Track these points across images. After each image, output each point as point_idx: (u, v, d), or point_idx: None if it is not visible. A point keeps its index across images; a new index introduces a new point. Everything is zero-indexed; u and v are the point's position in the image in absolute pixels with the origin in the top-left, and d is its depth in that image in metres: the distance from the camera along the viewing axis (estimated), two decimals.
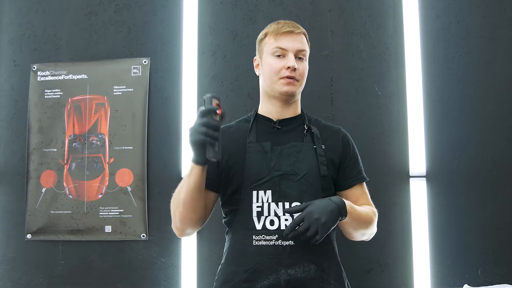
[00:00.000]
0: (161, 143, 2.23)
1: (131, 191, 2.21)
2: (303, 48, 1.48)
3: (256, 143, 1.47)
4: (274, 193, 1.42)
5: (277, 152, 1.45)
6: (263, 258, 1.38)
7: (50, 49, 2.33)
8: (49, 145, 2.28)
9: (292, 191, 1.42)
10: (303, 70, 1.48)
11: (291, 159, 1.44)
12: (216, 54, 2.24)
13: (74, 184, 2.25)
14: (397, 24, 2.16)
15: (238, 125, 1.57)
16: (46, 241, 2.24)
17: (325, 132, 1.53)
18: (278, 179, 1.42)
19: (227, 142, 1.49)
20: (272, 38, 1.49)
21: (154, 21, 2.28)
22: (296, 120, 1.54)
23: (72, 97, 2.29)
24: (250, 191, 1.43)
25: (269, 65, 1.48)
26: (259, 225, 1.41)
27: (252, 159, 1.45)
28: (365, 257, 2.08)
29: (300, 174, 1.43)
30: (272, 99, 1.53)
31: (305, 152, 1.46)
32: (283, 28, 1.47)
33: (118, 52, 2.29)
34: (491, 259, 2.03)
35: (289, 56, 1.45)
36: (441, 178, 2.08)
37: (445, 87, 2.11)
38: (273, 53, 1.47)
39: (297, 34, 1.48)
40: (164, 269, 2.17)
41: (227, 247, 1.49)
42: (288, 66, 1.44)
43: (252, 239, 1.40)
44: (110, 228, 2.21)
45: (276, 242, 1.38)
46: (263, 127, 1.53)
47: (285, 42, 1.46)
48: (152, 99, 2.25)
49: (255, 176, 1.43)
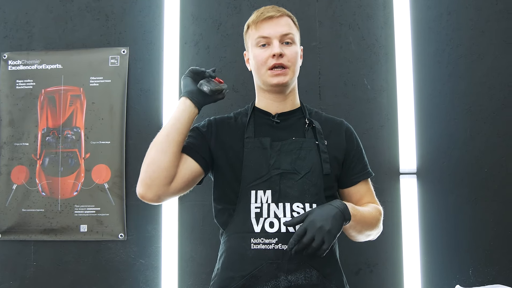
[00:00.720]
0: (140, 138, 2.11)
1: (109, 188, 2.10)
2: (288, 32, 1.38)
3: (255, 138, 1.37)
4: (274, 193, 1.32)
5: (277, 148, 1.36)
6: (262, 263, 1.28)
7: (22, 37, 2.20)
8: (20, 139, 2.15)
9: (293, 191, 1.32)
10: (291, 54, 1.37)
11: (292, 156, 1.35)
12: (199, 44, 2.13)
13: (48, 180, 2.12)
14: (387, 14, 2.08)
15: (236, 117, 1.47)
16: (17, 241, 2.11)
17: (327, 126, 1.43)
18: (278, 178, 1.33)
19: (227, 133, 1.40)
20: (253, 29, 1.40)
21: (133, 8, 2.17)
22: (296, 113, 1.45)
23: (45, 88, 2.16)
24: (248, 191, 1.33)
25: (255, 57, 1.39)
26: (257, 228, 1.31)
27: (250, 156, 1.35)
28: (353, 257, 2.00)
29: (302, 172, 1.33)
30: (266, 92, 1.44)
31: (307, 148, 1.36)
32: (262, 15, 1.38)
33: (95, 41, 2.17)
34: (482, 259, 1.97)
35: (274, 43, 1.36)
36: (432, 175, 2.01)
37: (436, 81, 2.05)
38: (257, 43, 1.38)
39: (279, 18, 1.38)
40: (143, 271, 2.06)
41: (223, 251, 1.38)
42: (273, 53, 1.34)
43: (250, 243, 1.30)
44: (86, 227, 2.09)
45: (276, 246, 1.29)
46: (261, 121, 1.43)
47: (266, 30, 1.37)
48: (131, 91, 2.14)
49: (254, 175, 1.33)
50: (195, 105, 1.35)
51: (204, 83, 1.35)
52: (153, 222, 2.08)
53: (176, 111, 1.34)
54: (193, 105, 1.34)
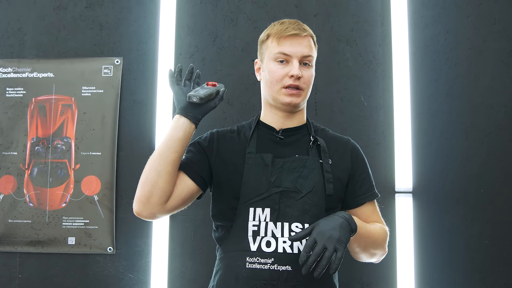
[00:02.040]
0: (132, 150, 2.08)
1: (98, 201, 2.06)
2: (309, 54, 1.34)
3: (256, 154, 1.34)
4: (273, 211, 1.28)
5: (279, 165, 1.32)
6: (256, 284, 1.24)
7: (13, 44, 2.17)
8: (8, 148, 2.10)
9: (292, 211, 1.28)
10: (308, 78, 1.34)
11: (294, 175, 1.31)
12: (194, 56, 2.10)
13: (36, 191, 2.07)
14: (385, 32, 2.07)
15: (239, 131, 1.43)
16: (2, 252, 2.07)
17: (332, 145, 1.40)
18: (278, 197, 1.29)
19: (225, 148, 1.37)
20: (275, 41, 1.35)
21: (128, 18, 2.14)
22: (301, 130, 1.41)
23: (36, 96, 2.12)
24: (247, 208, 1.29)
25: (271, 72, 1.34)
26: (254, 246, 1.27)
27: (250, 172, 1.31)
28: (347, 276, 1.97)
29: (303, 191, 1.29)
30: (274, 108, 1.40)
31: (310, 167, 1.32)
32: (287, 31, 1.33)
33: (88, 50, 2.14)
34: (477, 281, 1.95)
35: (293, 63, 1.32)
36: (428, 195, 1.99)
37: (433, 99, 2.03)
38: (276, 58, 1.34)
39: (303, 38, 1.34)
40: (131, 286, 2.02)
41: (219, 268, 1.34)
42: (292, 74, 1.31)
43: (245, 261, 1.26)
44: (74, 239, 2.05)
45: (271, 266, 1.24)
46: (265, 137, 1.39)
47: (289, 47, 1.32)
48: (124, 102, 2.10)
49: (253, 192, 1.29)
50: (190, 121, 1.31)
51: (193, 94, 1.29)
52: (143, 236, 2.04)
53: (170, 129, 1.31)
54: (188, 121, 1.30)
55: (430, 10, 2.07)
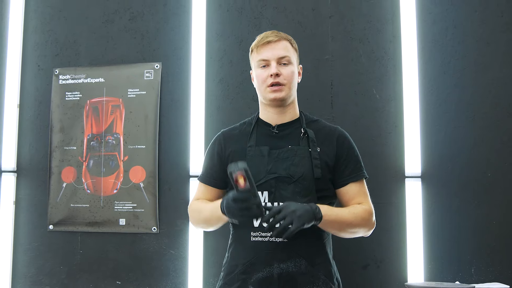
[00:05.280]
0: (171, 143, 2.38)
1: (144, 187, 2.37)
2: (285, 54, 1.59)
3: (255, 147, 1.60)
4: (270, 194, 1.54)
5: (274, 156, 1.57)
6: (259, 253, 1.52)
7: (70, 55, 2.51)
8: (69, 144, 2.46)
9: (286, 193, 1.53)
10: (287, 74, 1.58)
11: (287, 163, 1.55)
12: (223, 59, 2.37)
13: (92, 180, 2.42)
14: (395, 29, 2.23)
15: (241, 128, 1.70)
16: (66, 232, 2.43)
17: (321, 134, 1.62)
18: (274, 182, 1.54)
19: (232, 144, 1.65)
20: (255, 52, 1.62)
21: (165, 28, 2.43)
22: (294, 124, 1.65)
23: (90, 99, 2.47)
24: None
25: (257, 76, 1.62)
26: (256, 223, 1.54)
27: (251, 163, 1.55)
28: (362, 254, 2.17)
29: (295, 177, 1.54)
30: (267, 106, 1.66)
31: (301, 155, 1.56)
32: (262, 40, 1.60)
33: (132, 57, 2.45)
34: (484, 259, 2.09)
35: (272, 65, 1.57)
36: (436, 179, 2.15)
37: (441, 90, 2.18)
38: (259, 65, 1.61)
39: (277, 42, 1.59)
40: (173, 260, 2.32)
41: (231, 242, 1.64)
42: (271, 73, 1.56)
43: (250, 236, 1.54)
44: (124, 221, 2.38)
45: (270, 239, 1.52)
46: (263, 132, 1.65)
47: (265, 53, 1.59)
48: (163, 101, 2.40)
49: (254, 179, 1.52)
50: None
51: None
52: (182, 218, 2.33)
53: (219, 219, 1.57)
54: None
55: (438, 6, 2.21)
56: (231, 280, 1.57)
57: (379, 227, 2.12)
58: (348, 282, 2.12)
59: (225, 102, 2.34)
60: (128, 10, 2.47)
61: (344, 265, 2.15)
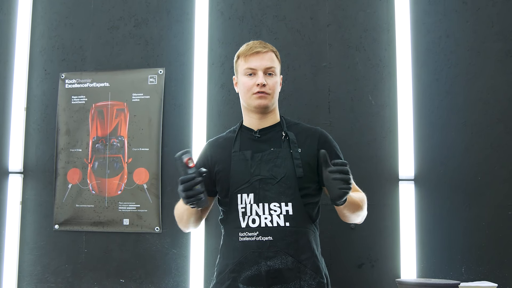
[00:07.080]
0: (174, 145, 2.46)
1: (147, 189, 2.45)
2: (271, 66, 1.67)
3: (239, 152, 1.68)
4: (255, 195, 1.62)
5: (258, 159, 1.65)
6: (247, 252, 1.60)
7: (76, 60, 2.59)
8: (75, 146, 2.54)
9: (270, 193, 1.61)
10: (272, 84, 1.67)
11: (270, 165, 1.64)
12: (225, 65, 2.45)
13: (97, 181, 2.50)
14: (391, 38, 2.32)
15: (227, 136, 1.79)
16: (72, 231, 2.50)
17: (302, 136, 1.70)
18: (258, 183, 1.62)
19: (218, 151, 1.73)
20: (243, 60, 1.70)
21: (169, 35, 2.52)
22: (275, 128, 1.73)
23: (95, 103, 2.54)
24: (235, 195, 1.64)
25: (243, 83, 1.69)
26: (243, 224, 1.62)
27: (235, 167, 1.65)
28: (357, 253, 2.26)
29: (278, 177, 1.62)
30: (250, 112, 1.73)
31: (283, 157, 1.64)
32: (251, 50, 1.68)
33: (136, 62, 2.53)
34: (474, 258, 2.18)
35: (259, 74, 1.65)
36: (429, 182, 2.24)
37: (434, 97, 2.27)
38: (245, 73, 1.68)
39: (265, 53, 1.67)
40: (175, 259, 2.40)
41: (222, 242, 1.72)
42: (258, 83, 1.64)
43: (238, 236, 1.62)
44: (128, 221, 2.46)
45: (257, 238, 1.59)
46: (246, 137, 1.73)
47: (253, 62, 1.66)
48: (167, 106, 2.49)
49: (239, 181, 1.64)
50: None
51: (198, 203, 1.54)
52: None
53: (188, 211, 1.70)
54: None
55: (432, 17, 2.30)
56: (223, 279, 1.64)
57: (374, 227, 2.24)
58: (344, 280, 2.23)
59: (226, 106, 2.43)
60: (133, 17, 2.55)
61: (340, 264, 2.25)
